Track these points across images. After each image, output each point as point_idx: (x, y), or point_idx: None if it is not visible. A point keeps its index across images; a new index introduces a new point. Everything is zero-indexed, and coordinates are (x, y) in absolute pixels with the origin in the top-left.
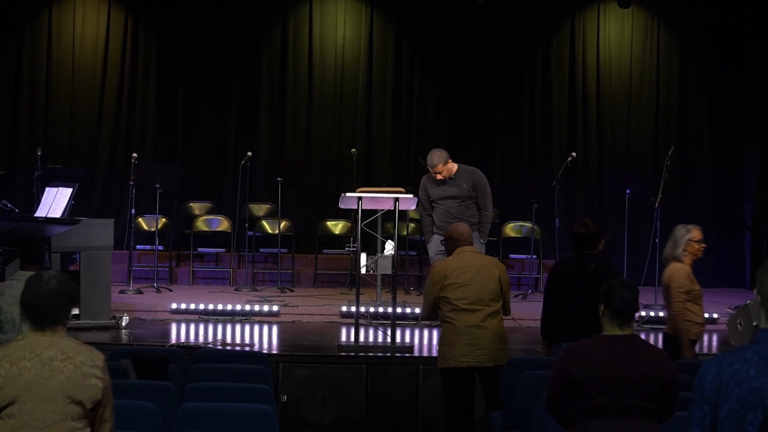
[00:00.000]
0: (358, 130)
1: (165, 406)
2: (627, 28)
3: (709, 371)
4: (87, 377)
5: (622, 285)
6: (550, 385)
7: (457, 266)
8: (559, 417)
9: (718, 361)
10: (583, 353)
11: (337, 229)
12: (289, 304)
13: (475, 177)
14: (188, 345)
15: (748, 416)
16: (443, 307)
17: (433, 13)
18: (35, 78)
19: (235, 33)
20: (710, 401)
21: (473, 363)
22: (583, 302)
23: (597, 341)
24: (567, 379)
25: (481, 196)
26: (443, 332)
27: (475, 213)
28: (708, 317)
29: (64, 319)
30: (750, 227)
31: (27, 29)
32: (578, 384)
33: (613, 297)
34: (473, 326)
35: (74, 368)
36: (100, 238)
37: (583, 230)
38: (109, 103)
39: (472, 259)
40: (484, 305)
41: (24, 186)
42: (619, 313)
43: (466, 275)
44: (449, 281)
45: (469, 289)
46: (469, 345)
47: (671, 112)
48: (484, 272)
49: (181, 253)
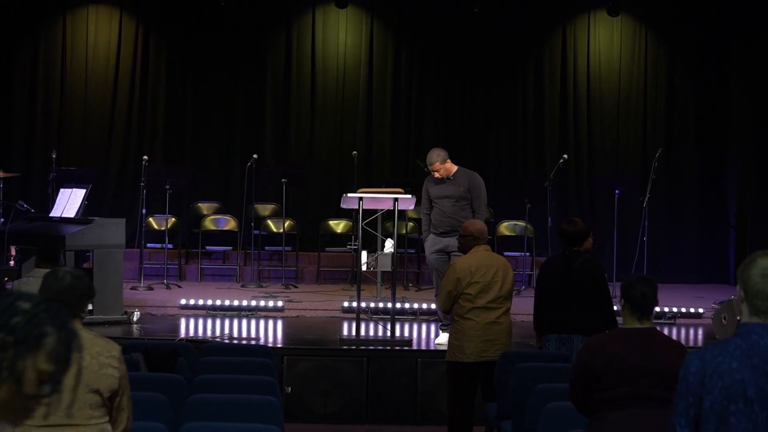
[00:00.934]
0: (359, 134)
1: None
2: (616, 35)
3: (693, 364)
4: (103, 367)
5: (641, 280)
6: (572, 376)
7: (479, 265)
8: (580, 407)
9: (702, 353)
10: (603, 346)
11: (339, 228)
12: (293, 300)
13: (472, 179)
14: (196, 339)
15: (730, 407)
16: (463, 303)
17: (430, 21)
18: (50, 84)
19: (240, 41)
20: (694, 393)
21: (492, 357)
22: (570, 296)
23: (617, 334)
24: (588, 371)
25: (476, 199)
26: (461, 329)
27: (468, 215)
28: (693, 312)
29: (81, 313)
30: (733, 226)
31: (42, 37)
32: (599, 375)
33: (632, 291)
34: (491, 323)
35: (91, 359)
36: (112, 236)
37: (570, 228)
38: (120, 108)
39: (490, 258)
40: (500, 303)
41: (39, 187)
42: (638, 307)
43: (487, 275)
44: (474, 279)
45: (490, 288)
46: (488, 341)
47: (658, 116)
48: (502, 272)
49: (189, 251)
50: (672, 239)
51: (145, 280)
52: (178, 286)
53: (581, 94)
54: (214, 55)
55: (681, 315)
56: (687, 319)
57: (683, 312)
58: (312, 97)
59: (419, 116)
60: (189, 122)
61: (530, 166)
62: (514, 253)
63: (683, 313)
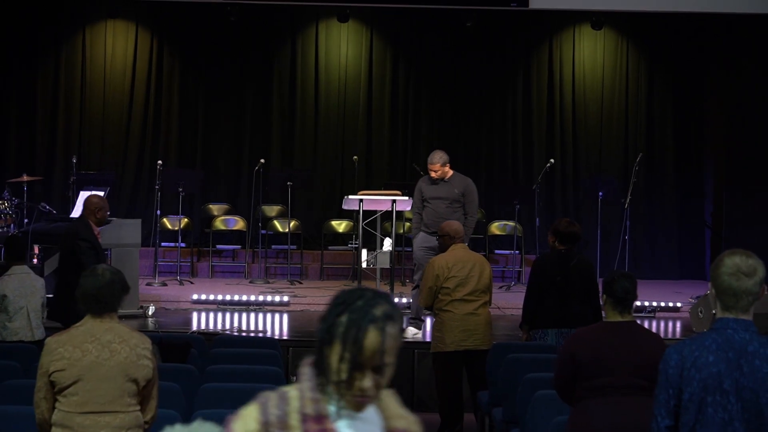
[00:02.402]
0: (359, 140)
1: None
2: (599, 48)
3: (672, 358)
4: (140, 358)
5: (623, 276)
6: (557, 366)
7: (456, 261)
8: (565, 395)
9: (681, 348)
10: (587, 338)
11: (340, 227)
12: (298, 295)
13: (466, 184)
14: (208, 332)
15: (708, 398)
16: (442, 297)
17: (426, 35)
18: (71, 93)
19: (249, 53)
20: (674, 385)
21: (470, 346)
22: (564, 292)
23: (600, 327)
24: (572, 361)
25: (469, 203)
26: (441, 320)
27: (460, 217)
28: (672, 306)
29: (118, 306)
30: (709, 226)
31: (63, 50)
32: (583, 365)
33: (615, 287)
34: (469, 314)
35: (130, 350)
36: (128, 236)
37: (571, 229)
38: (136, 116)
39: (466, 255)
40: (477, 296)
41: (61, 190)
42: (620, 301)
43: (464, 270)
44: (451, 274)
45: (467, 282)
46: (466, 331)
47: (639, 123)
48: (478, 268)
49: (201, 249)
50: (652, 238)
51: (159, 277)
52: (190, 282)
53: (567, 103)
54: (224, 66)
55: (660, 309)
56: (666, 312)
57: (662, 306)
58: (315, 106)
59: (415, 124)
60: (200, 129)
61: (519, 170)
62: (505, 251)
63: (662, 307)
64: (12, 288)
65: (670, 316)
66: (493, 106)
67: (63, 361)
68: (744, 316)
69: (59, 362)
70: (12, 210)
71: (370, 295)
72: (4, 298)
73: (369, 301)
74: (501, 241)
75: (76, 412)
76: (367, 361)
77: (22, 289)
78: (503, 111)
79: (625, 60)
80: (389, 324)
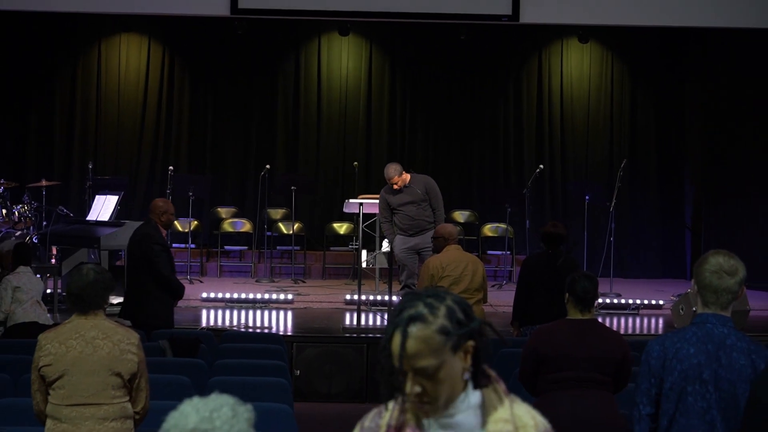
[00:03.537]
0: (359, 147)
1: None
2: (586, 60)
3: (654, 349)
4: (124, 353)
5: (584, 277)
6: (522, 360)
7: (450, 261)
8: (529, 387)
9: (662, 340)
10: (549, 334)
11: (341, 229)
12: (302, 293)
13: (427, 183)
14: (216, 328)
15: (688, 387)
16: None
17: (422, 47)
18: (87, 103)
19: (255, 64)
20: (656, 375)
21: None
22: (551, 291)
23: (561, 324)
24: (535, 355)
25: (434, 199)
26: None
27: (430, 214)
28: (654, 303)
29: (103, 304)
30: (689, 228)
31: (80, 62)
32: (545, 360)
33: (576, 287)
34: None
35: (113, 345)
36: None
37: (555, 230)
38: (148, 124)
39: (460, 255)
40: (471, 294)
41: (78, 194)
42: (581, 300)
43: (457, 269)
44: (445, 274)
45: (460, 281)
46: None
47: (623, 131)
48: (472, 267)
49: (210, 250)
50: (635, 239)
51: None
52: (200, 281)
53: (555, 112)
54: (231, 77)
55: (643, 306)
56: (649, 309)
57: (645, 303)
58: (318, 114)
59: (412, 131)
60: (209, 136)
61: (511, 175)
62: (497, 252)
63: (645, 305)
64: (23, 282)
65: (653, 312)
66: (486, 115)
67: (50, 356)
68: (723, 313)
69: (46, 357)
70: (32, 213)
71: (408, 299)
72: (17, 289)
73: (402, 305)
74: (493, 242)
75: (63, 405)
76: (400, 365)
77: (30, 284)
78: (495, 119)
79: (609, 71)
80: (413, 325)
